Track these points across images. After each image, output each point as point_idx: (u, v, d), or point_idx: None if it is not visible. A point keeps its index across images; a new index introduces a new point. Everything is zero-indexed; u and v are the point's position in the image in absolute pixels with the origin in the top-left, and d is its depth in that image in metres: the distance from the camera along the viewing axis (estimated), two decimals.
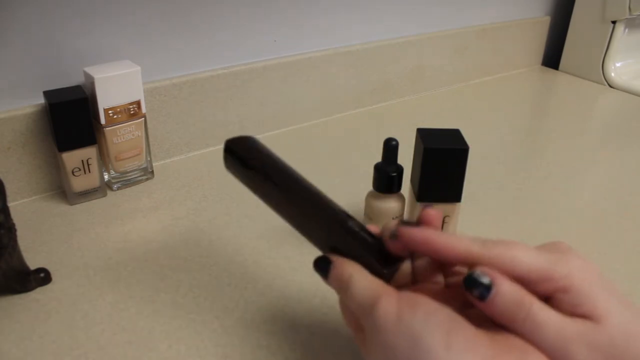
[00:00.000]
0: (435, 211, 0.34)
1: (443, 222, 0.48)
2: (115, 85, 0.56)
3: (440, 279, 0.34)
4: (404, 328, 0.28)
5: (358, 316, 0.32)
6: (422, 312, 0.28)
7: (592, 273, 0.29)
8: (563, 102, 0.93)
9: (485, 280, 0.28)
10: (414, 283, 0.34)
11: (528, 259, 0.29)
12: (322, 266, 0.34)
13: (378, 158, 0.49)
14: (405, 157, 0.49)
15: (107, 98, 0.56)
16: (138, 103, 0.58)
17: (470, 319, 0.28)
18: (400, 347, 0.28)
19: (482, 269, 0.29)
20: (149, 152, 0.62)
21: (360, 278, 0.32)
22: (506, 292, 0.28)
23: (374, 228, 0.35)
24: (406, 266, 0.34)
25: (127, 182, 0.61)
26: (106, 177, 0.60)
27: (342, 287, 0.33)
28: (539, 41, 1.05)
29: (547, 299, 0.29)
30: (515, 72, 1.04)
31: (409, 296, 0.30)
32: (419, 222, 0.34)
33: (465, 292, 0.29)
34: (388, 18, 0.82)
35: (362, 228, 0.35)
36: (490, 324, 0.29)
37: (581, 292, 0.28)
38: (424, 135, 0.47)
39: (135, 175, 0.62)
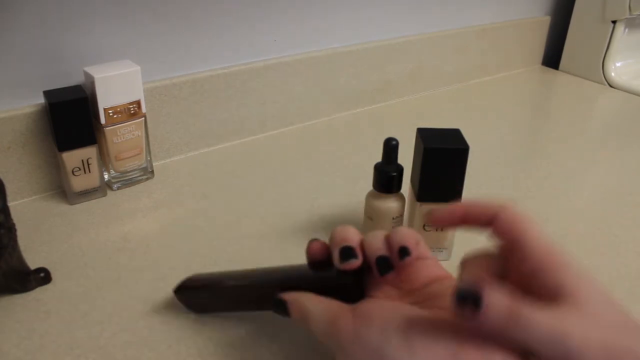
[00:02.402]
0: (320, 243, 0.36)
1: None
2: (115, 85, 0.56)
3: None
4: (365, 344, 0.28)
5: (323, 342, 0.32)
6: (377, 324, 0.29)
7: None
8: (563, 102, 0.93)
9: (474, 292, 0.26)
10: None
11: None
12: (281, 308, 0.35)
13: (378, 158, 0.49)
14: (405, 157, 0.49)
15: (107, 98, 0.56)
16: (138, 103, 0.58)
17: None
18: None
19: (468, 283, 0.26)
20: (149, 151, 0.62)
21: (314, 304, 0.32)
22: (495, 305, 0.25)
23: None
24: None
25: (127, 182, 0.61)
26: (106, 176, 0.60)
27: (303, 320, 0.33)
28: (539, 41, 1.05)
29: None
30: (515, 72, 1.04)
31: (362, 310, 0.30)
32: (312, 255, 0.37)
33: (456, 309, 0.26)
34: (388, 18, 0.82)
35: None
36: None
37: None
38: (424, 135, 0.47)
39: (135, 175, 0.62)
